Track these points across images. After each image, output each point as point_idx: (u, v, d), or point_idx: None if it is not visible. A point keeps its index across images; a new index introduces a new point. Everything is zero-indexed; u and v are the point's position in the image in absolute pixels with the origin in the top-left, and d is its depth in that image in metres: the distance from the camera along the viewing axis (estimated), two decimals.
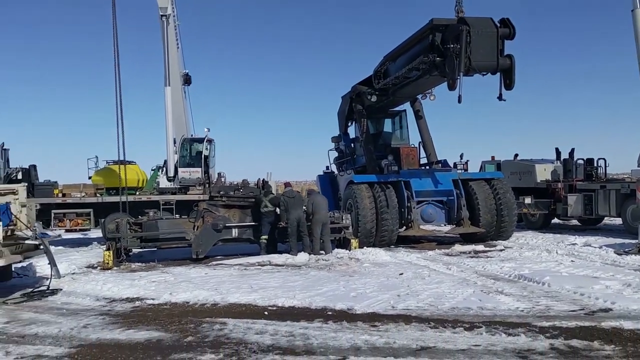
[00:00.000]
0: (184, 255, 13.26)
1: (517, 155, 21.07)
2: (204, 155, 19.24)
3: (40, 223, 15.28)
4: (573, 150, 19.03)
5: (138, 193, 18.54)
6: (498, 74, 13.13)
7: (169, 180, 19.50)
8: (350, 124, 18.90)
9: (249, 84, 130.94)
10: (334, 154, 19.79)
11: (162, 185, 19.51)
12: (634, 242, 13.01)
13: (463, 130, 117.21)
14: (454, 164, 17.29)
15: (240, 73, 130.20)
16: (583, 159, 18.85)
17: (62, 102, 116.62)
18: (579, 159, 18.85)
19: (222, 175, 19.96)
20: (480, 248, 14.25)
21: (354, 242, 13.81)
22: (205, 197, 16.00)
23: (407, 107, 18.34)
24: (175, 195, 17.93)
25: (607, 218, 18.91)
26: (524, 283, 9.22)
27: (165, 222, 13.87)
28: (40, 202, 16.30)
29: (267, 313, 7.52)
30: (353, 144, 18.70)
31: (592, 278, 9.39)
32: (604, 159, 18.60)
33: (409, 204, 15.16)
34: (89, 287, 9.82)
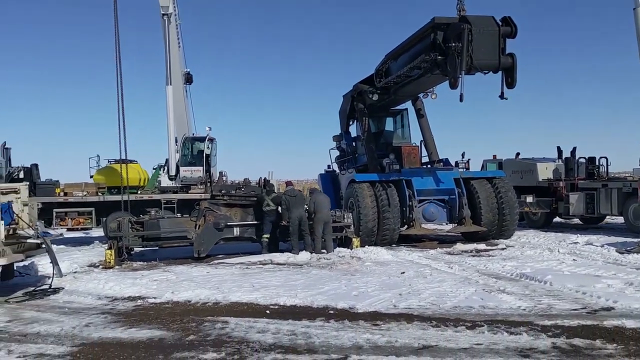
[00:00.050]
0: (186, 254, 13.27)
1: (518, 154, 21.08)
2: (206, 154, 19.21)
3: (42, 222, 15.29)
4: (575, 149, 19.05)
5: (140, 192, 18.55)
6: (500, 73, 13.10)
7: (171, 179, 19.51)
8: (352, 123, 18.91)
9: (250, 83, 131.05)
10: (336, 153, 19.83)
11: (163, 184, 19.51)
12: (636, 240, 13.02)
13: (465, 129, 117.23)
14: (456, 163, 17.27)
15: (242, 72, 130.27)
16: (585, 158, 18.85)
17: (63, 101, 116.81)
18: (581, 158, 18.84)
19: (223, 174, 19.97)
20: (482, 247, 14.25)
21: (356, 241, 13.80)
22: (207, 196, 16.01)
23: (408, 105, 18.35)
24: (177, 194, 17.95)
25: (608, 217, 18.93)
26: (526, 282, 9.22)
27: (167, 221, 13.88)
28: (42, 201, 16.34)
29: (268, 312, 7.52)
30: (354, 143, 18.70)
31: (594, 277, 9.38)
32: (606, 158, 18.66)
33: (411, 203, 15.15)
34: (91, 285, 9.83)
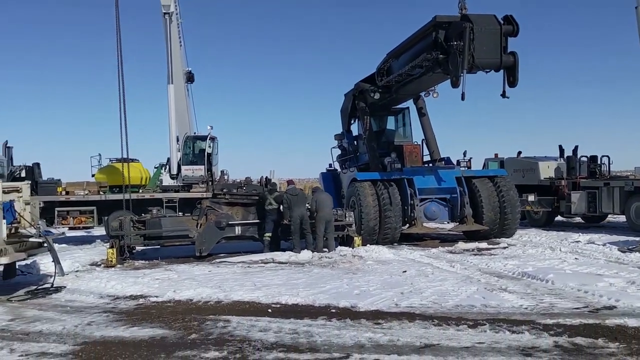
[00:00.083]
0: (187, 253, 13.28)
1: (520, 153, 21.05)
2: (207, 153, 19.21)
3: (44, 221, 15.37)
4: (577, 148, 19.03)
5: (141, 191, 18.55)
6: (501, 71, 13.08)
7: (172, 178, 19.50)
8: (353, 122, 18.90)
9: (252, 82, 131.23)
10: (337, 152, 19.82)
11: (165, 183, 19.50)
12: (638, 239, 13.01)
13: (466, 128, 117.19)
14: (457, 162, 17.25)
15: (243, 71, 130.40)
16: (587, 156, 18.81)
17: (65, 100, 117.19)
18: (583, 156, 18.81)
19: (225, 173, 19.99)
20: (484, 245, 14.24)
21: (357, 239, 13.79)
22: (209, 194, 16.03)
23: (410, 104, 18.32)
24: (179, 193, 17.96)
25: (610, 215, 18.89)
26: (528, 280, 9.21)
27: (169, 219, 13.89)
28: (44, 199, 16.33)
29: (270, 310, 7.53)
30: (356, 142, 18.69)
31: (595, 275, 9.37)
32: (608, 156, 18.62)
33: (412, 202, 15.14)
34: (93, 284, 9.84)
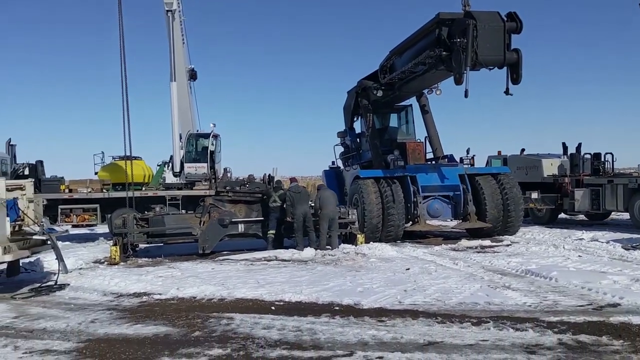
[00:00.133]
0: (191, 251, 13.30)
1: (523, 150, 21.02)
2: (210, 151, 19.23)
3: (47, 218, 15.43)
4: (580, 145, 18.98)
5: (144, 188, 18.58)
6: (505, 68, 13.02)
7: (175, 176, 19.54)
8: (356, 119, 18.86)
9: (255, 80, 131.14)
10: (340, 149, 19.78)
11: (168, 181, 19.54)
12: None
13: (469, 125, 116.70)
14: (461, 159, 17.24)
15: (246, 68, 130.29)
16: (590, 154, 18.77)
17: (68, 98, 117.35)
18: (586, 154, 18.76)
19: (228, 171, 19.98)
20: (487, 243, 14.21)
21: (360, 237, 13.79)
22: (212, 192, 16.01)
23: (413, 101, 18.28)
24: (182, 191, 17.97)
25: (614, 213, 18.82)
26: (531, 278, 9.20)
27: (172, 217, 13.89)
28: (47, 197, 16.36)
29: (274, 308, 7.54)
30: (359, 139, 18.65)
31: (599, 273, 9.35)
32: (611, 154, 18.59)
33: (415, 199, 15.12)
34: (97, 282, 9.87)
